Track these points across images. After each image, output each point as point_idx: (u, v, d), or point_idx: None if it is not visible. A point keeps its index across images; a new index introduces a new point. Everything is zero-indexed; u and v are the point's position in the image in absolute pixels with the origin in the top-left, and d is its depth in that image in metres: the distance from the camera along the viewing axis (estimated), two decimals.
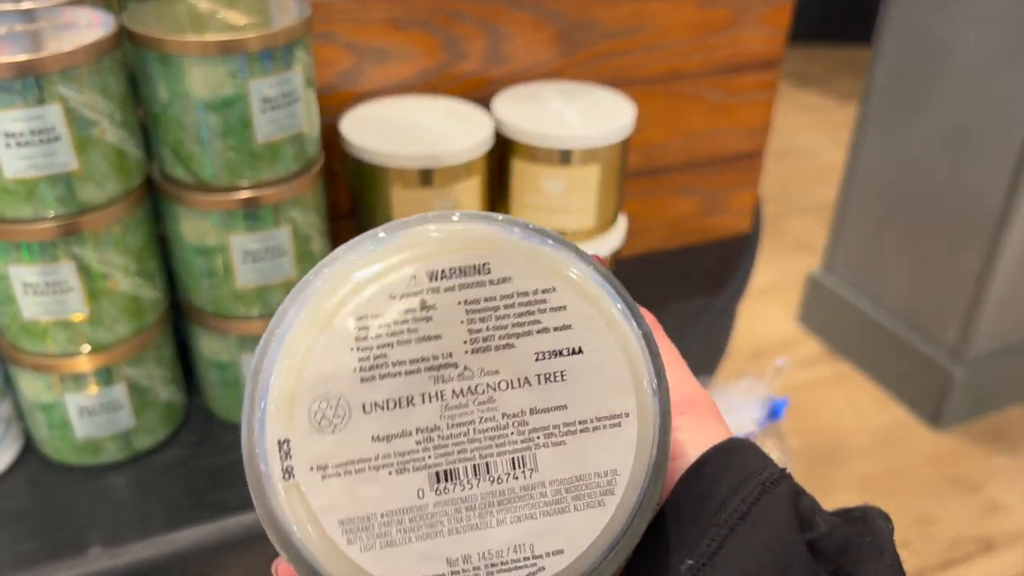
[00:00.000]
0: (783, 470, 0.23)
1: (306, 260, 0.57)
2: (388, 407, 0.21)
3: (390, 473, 0.21)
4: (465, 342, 0.22)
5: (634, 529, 0.23)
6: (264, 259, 0.55)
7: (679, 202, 0.83)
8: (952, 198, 1.61)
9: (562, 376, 0.22)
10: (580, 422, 0.22)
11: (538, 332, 0.22)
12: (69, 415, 0.56)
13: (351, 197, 0.65)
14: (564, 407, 0.22)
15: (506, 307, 0.22)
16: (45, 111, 0.46)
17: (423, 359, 0.21)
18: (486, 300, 0.22)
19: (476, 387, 0.22)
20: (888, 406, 1.81)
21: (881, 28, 1.66)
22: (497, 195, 0.68)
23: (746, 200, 0.86)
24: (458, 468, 0.22)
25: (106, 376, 0.55)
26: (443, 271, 0.21)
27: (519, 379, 0.22)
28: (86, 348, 0.54)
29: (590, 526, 0.22)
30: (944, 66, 1.56)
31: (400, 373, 0.21)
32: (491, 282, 0.22)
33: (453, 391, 0.22)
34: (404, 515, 0.21)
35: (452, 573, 0.21)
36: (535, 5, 0.69)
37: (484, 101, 0.68)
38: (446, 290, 0.21)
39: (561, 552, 0.22)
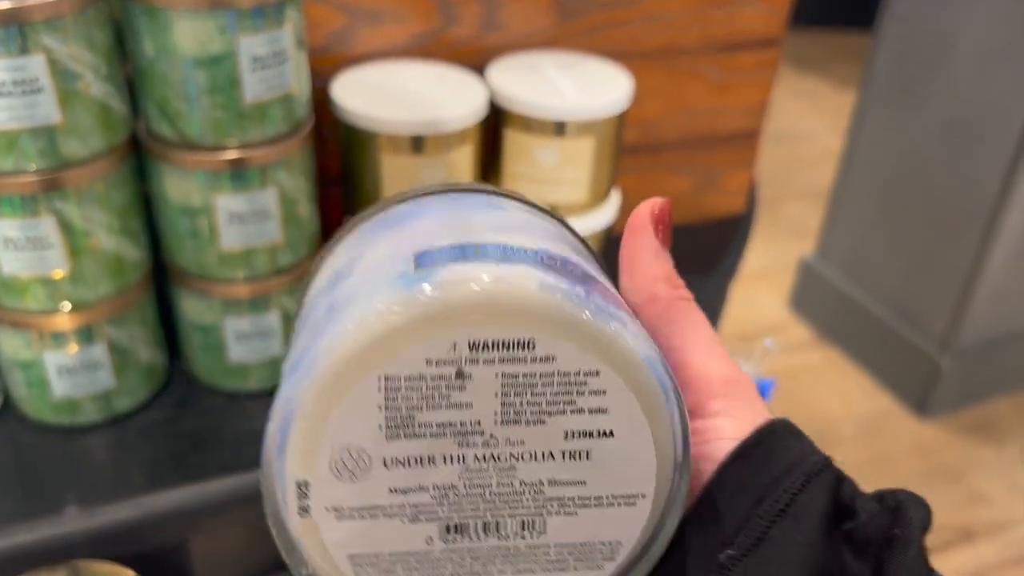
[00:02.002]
0: (826, 458, 0.23)
1: (293, 224, 0.57)
2: (409, 464, 0.21)
3: (403, 521, 0.22)
4: (495, 413, 0.21)
5: None
6: (250, 221, 0.54)
7: (674, 180, 0.82)
8: (948, 189, 1.61)
9: (587, 455, 0.22)
10: (596, 498, 0.22)
11: (572, 412, 0.22)
12: (48, 374, 0.55)
13: (340, 163, 0.64)
14: (583, 483, 0.22)
15: (544, 385, 0.21)
16: (28, 61, 0.45)
17: (451, 424, 0.21)
18: (524, 376, 0.21)
19: (499, 455, 0.22)
20: (875, 394, 1.82)
21: (883, 16, 1.65)
22: (489, 165, 0.67)
23: (741, 180, 0.86)
24: (469, 523, 0.22)
25: (86, 335, 0.54)
26: (486, 343, 0.20)
27: (543, 453, 0.22)
28: (67, 306, 0.53)
29: None
30: (944, 57, 1.55)
31: (425, 435, 0.21)
32: (533, 359, 0.21)
33: (475, 456, 0.22)
34: (411, 557, 0.22)
35: None
36: None
37: (478, 68, 0.67)
38: (485, 362, 0.21)
39: None
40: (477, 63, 0.68)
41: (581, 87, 0.64)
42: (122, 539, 0.53)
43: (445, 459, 0.21)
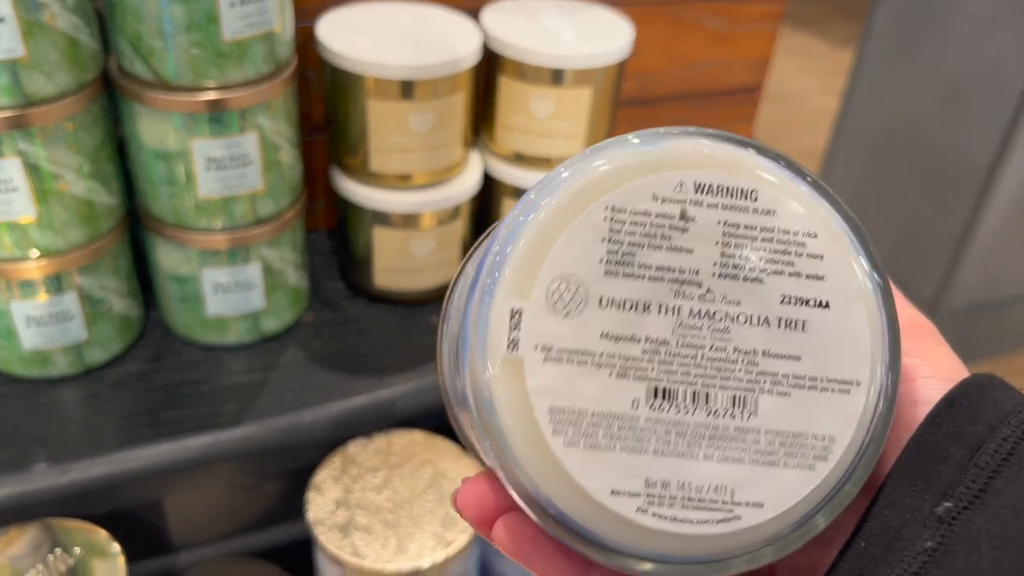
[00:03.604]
0: None
1: (274, 171, 0.54)
2: (624, 307, 0.21)
3: (610, 374, 0.21)
4: (715, 264, 0.21)
5: (836, 503, 0.22)
6: (228, 167, 0.51)
7: None
8: (942, 152, 1.59)
9: (803, 326, 0.21)
10: (810, 378, 0.21)
11: (790, 274, 0.21)
12: (16, 324, 0.52)
13: (325, 109, 0.61)
14: (798, 358, 0.21)
15: (764, 240, 0.21)
16: None
17: (669, 269, 0.21)
18: (746, 227, 0.21)
19: (715, 312, 0.21)
20: None
21: None
22: (482, 113, 0.64)
23: (742, 135, 0.83)
24: (678, 389, 0.21)
25: (56, 284, 0.52)
26: (712, 186, 0.21)
27: (759, 317, 0.21)
28: (35, 253, 0.50)
29: (796, 487, 0.21)
30: (946, 17, 1.51)
31: (644, 277, 0.21)
32: (755, 211, 0.21)
33: (691, 310, 0.21)
34: (614, 421, 0.21)
35: (648, 495, 0.20)
36: None
37: (472, 13, 0.63)
38: (709, 206, 0.21)
39: (761, 506, 0.21)
40: (470, 6, 0.64)
41: (580, 34, 0.61)
42: (94, 497, 0.51)
43: (660, 309, 0.21)
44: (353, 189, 0.60)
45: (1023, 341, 1.80)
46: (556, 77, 0.59)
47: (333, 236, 0.71)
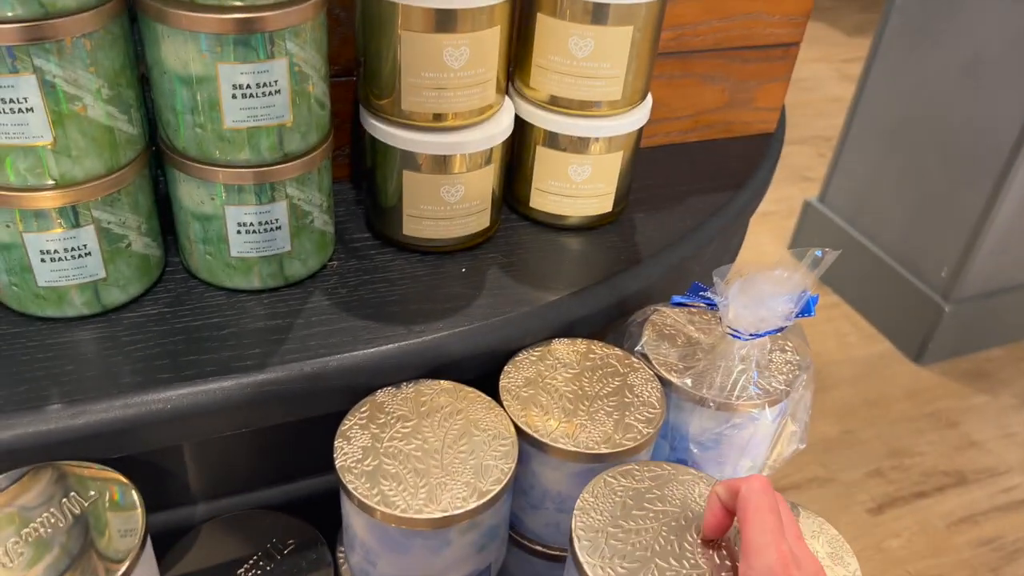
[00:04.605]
0: None
1: (302, 104, 0.51)
2: None
3: None
4: None
5: None
6: (255, 95, 0.49)
7: (705, 90, 0.77)
8: (960, 134, 1.56)
9: None
10: None
11: None
12: (30, 258, 0.50)
13: (356, 48, 0.59)
14: None
15: None
16: None
17: None
18: None
19: None
20: (873, 339, 1.80)
21: None
22: (519, 52, 0.61)
23: (775, 96, 0.81)
24: None
25: (72, 216, 0.49)
26: None
27: None
28: (50, 182, 0.47)
29: None
30: None
31: None
32: None
33: None
34: None
35: None
36: None
37: None
38: None
39: None
40: None
41: None
42: (110, 440, 0.49)
43: None
44: (383, 129, 0.57)
45: None
46: (597, 13, 0.57)
47: (358, 187, 0.69)
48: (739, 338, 0.53)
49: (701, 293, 0.58)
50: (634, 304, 0.63)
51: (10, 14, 0.42)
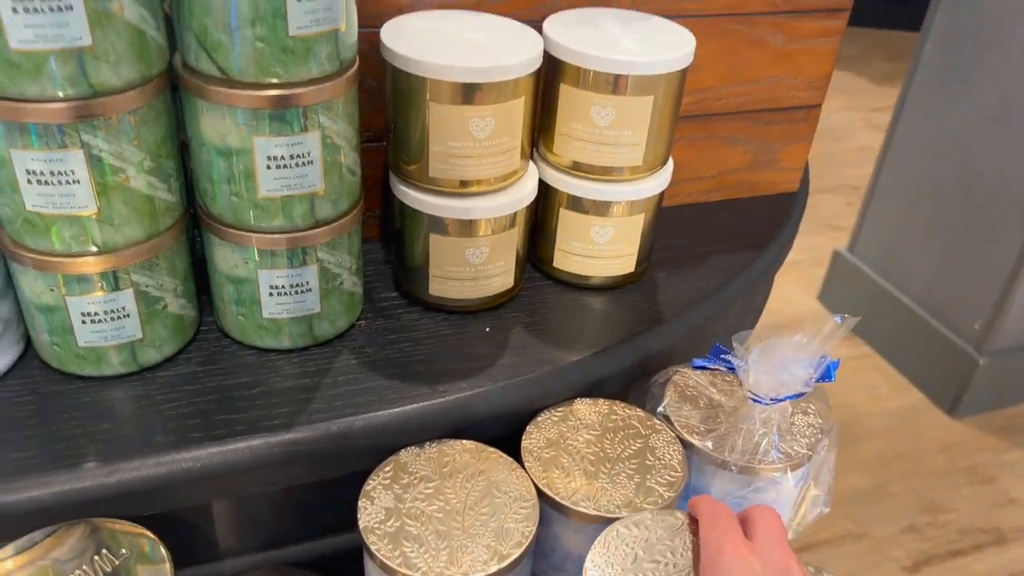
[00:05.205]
0: None
1: (334, 173, 0.53)
2: None
3: None
4: None
5: None
6: (289, 166, 0.51)
7: (728, 152, 0.78)
8: (991, 183, 1.55)
9: None
10: None
11: None
12: (71, 320, 0.52)
13: (386, 117, 0.61)
14: None
15: None
16: None
17: None
18: None
19: None
20: (906, 391, 1.77)
21: (933, 5, 1.59)
22: (543, 120, 0.63)
23: (798, 156, 0.82)
24: None
25: (113, 280, 0.51)
26: None
27: None
28: (93, 248, 0.50)
29: None
30: (998, 43, 1.49)
31: None
32: None
33: None
34: None
35: None
36: None
37: (534, 23, 0.63)
38: None
39: None
40: (534, 16, 0.64)
41: (641, 42, 0.60)
42: (142, 498, 0.50)
43: None
44: (411, 195, 0.59)
45: None
46: (617, 84, 0.58)
47: (386, 247, 0.71)
48: (760, 403, 0.53)
49: (722, 356, 0.58)
50: (656, 364, 0.64)
51: (61, 94, 0.44)
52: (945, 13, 1.58)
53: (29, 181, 0.47)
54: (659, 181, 0.64)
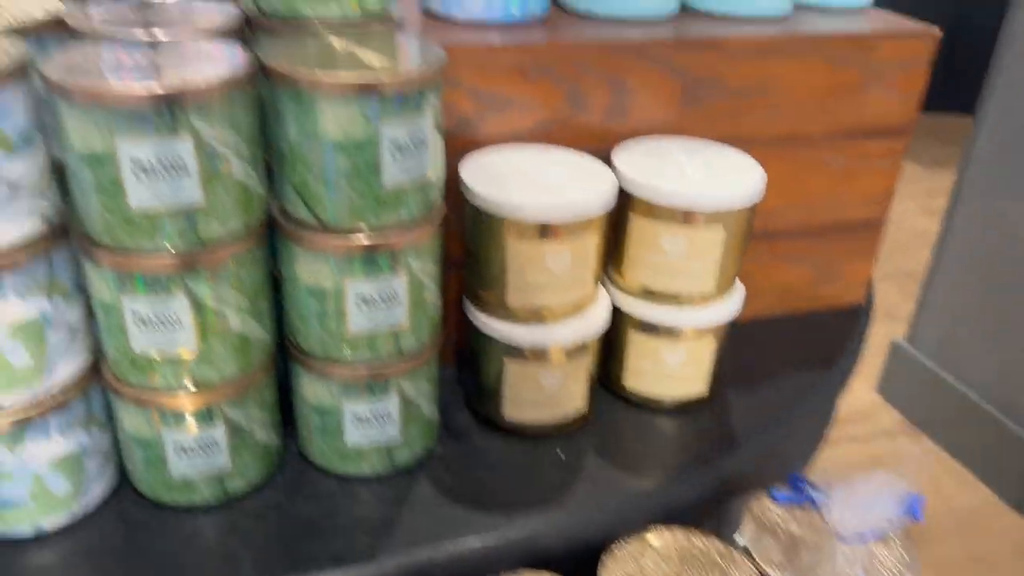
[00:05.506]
0: None
1: (419, 308, 0.55)
2: None
3: None
4: None
5: None
6: (378, 306, 0.53)
7: (791, 269, 0.79)
8: None
9: None
10: None
11: None
12: (167, 452, 0.54)
13: (462, 245, 0.63)
14: None
15: None
16: (176, 143, 0.45)
17: None
18: None
19: None
20: (973, 487, 1.71)
21: (986, 96, 1.60)
22: (613, 245, 0.65)
23: (861, 271, 0.82)
24: None
25: (207, 416, 0.53)
26: None
27: None
28: (191, 386, 0.52)
29: None
30: None
31: None
32: None
33: None
34: None
35: None
36: (662, 59, 0.66)
37: (602, 152, 0.65)
38: None
39: None
40: (601, 147, 0.66)
41: (710, 175, 0.62)
42: None
43: None
44: (487, 322, 0.61)
45: None
46: (688, 217, 0.60)
47: (458, 368, 0.72)
48: (844, 541, 0.53)
49: (801, 484, 0.58)
50: (732, 487, 0.64)
51: (171, 248, 0.48)
52: (999, 95, 1.58)
53: (136, 325, 0.50)
54: (730, 306, 0.65)
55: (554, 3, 0.74)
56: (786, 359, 0.75)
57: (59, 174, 0.49)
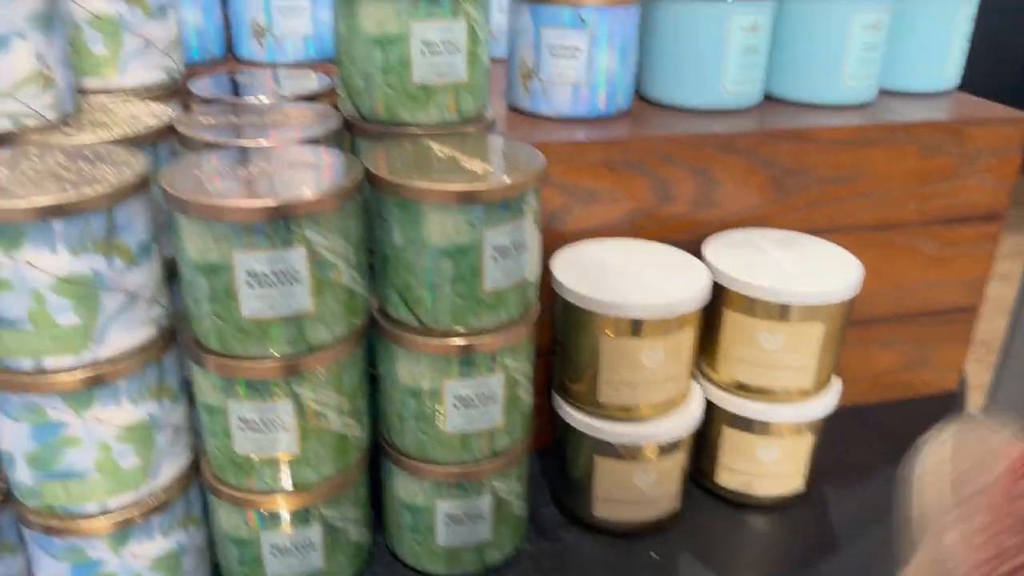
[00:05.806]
0: None
1: (513, 407, 0.55)
2: None
3: None
4: None
5: None
6: (474, 405, 0.53)
7: (882, 355, 0.77)
8: None
9: None
10: None
11: None
12: (262, 552, 0.54)
13: (550, 334, 0.63)
14: None
15: None
16: (290, 254, 0.46)
17: None
18: None
19: None
20: None
21: None
22: (706, 339, 0.64)
23: (955, 356, 0.80)
24: None
25: (303, 516, 0.53)
26: None
27: None
28: (289, 487, 0.52)
29: None
30: None
31: None
32: None
33: None
34: None
35: None
36: (748, 151, 0.66)
37: (689, 244, 0.65)
38: None
39: None
40: (688, 239, 0.66)
41: (806, 268, 0.61)
42: None
43: None
44: (577, 417, 0.61)
45: None
46: (785, 312, 0.59)
47: (541, 459, 0.71)
48: None
49: None
50: None
51: (278, 354, 0.48)
52: None
53: (240, 428, 0.50)
54: (827, 400, 0.63)
55: (638, 95, 0.74)
56: (880, 449, 0.73)
57: (169, 274, 0.50)
